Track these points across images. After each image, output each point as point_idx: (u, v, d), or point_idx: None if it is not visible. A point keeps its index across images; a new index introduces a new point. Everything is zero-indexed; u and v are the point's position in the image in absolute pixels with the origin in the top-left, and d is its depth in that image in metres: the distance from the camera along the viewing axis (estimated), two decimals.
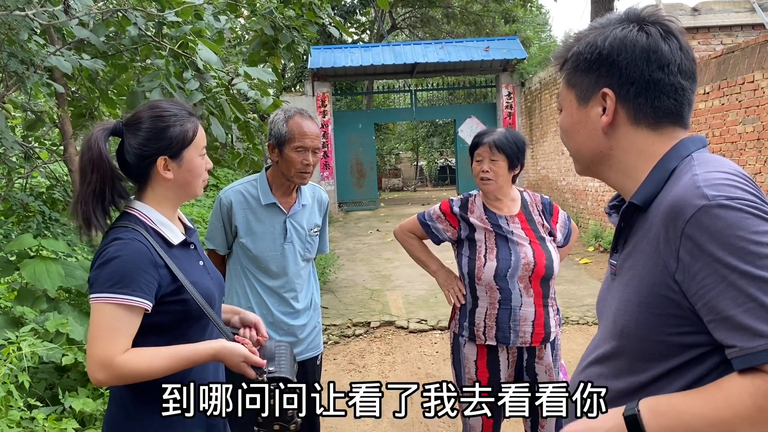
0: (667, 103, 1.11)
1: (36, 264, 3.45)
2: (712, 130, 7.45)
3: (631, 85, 1.10)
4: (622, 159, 1.16)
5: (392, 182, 29.79)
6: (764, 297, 0.92)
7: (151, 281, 1.52)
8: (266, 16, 4.17)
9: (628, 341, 1.12)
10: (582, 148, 1.21)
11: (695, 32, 9.19)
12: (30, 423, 2.73)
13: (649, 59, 1.09)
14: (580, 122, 1.18)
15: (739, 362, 0.94)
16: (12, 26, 2.74)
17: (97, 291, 1.48)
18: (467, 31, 22.96)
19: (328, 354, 5.50)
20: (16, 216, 4.21)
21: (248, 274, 2.58)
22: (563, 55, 1.21)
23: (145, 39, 3.26)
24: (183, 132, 1.62)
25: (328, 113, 15.92)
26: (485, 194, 2.63)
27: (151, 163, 1.60)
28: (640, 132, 1.13)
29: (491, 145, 2.56)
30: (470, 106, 18.80)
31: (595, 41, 1.13)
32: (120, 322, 1.48)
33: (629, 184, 1.16)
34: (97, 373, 1.46)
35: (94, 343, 1.46)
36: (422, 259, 2.83)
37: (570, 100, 1.20)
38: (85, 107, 4.09)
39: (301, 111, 2.53)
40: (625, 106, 1.12)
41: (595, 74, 1.13)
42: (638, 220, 1.13)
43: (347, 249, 11.07)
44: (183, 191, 1.68)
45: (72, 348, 3.13)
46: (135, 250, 1.52)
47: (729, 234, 0.94)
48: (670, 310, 1.03)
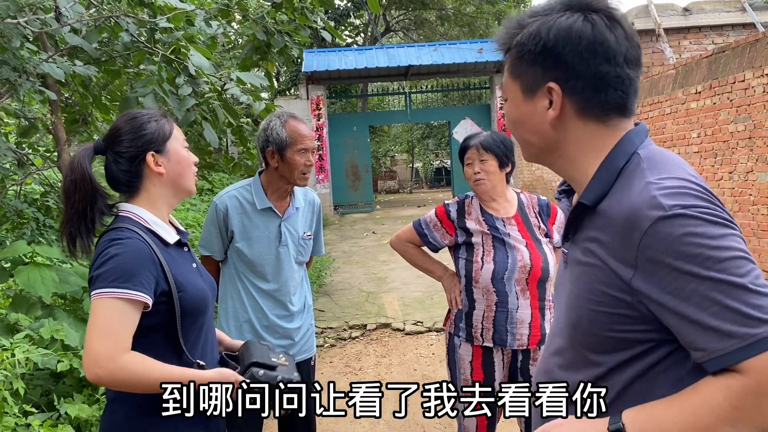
0: (614, 96, 1.09)
1: (30, 271, 3.45)
2: (704, 129, 7.49)
3: (577, 79, 1.08)
4: (570, 150, 1.15)
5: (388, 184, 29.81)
6: (728, 299, 0.92)
7: (151, 278, 1.54)
8: (258, 20, 4.18)
9: (580, 334, 1.14)
10: (530, 139, 1.18)
11: (686, 32, 9.25)
12: (26, 429, 2.72)
13: (596, 52, 1.06)
14: (526, 114, 1.16)
15: (712, 364, 0.95)
16: (4, 34, 2.75)
17: (99, 287, 1.49)
18: (461, 33, 23.02)
19: (324, 357, 5.51)
20: (10, 223, 4.22)
21: (243, 278, 2.59)
22: (507, 42, 1.16)
23: (137, 45, 3.28)
24: (160, 126, 1.68)
25: (322, 116, 15.94)
26: (480, 195, 2.65)
27: (141, 162, 1.65)
28: (588, 125, 1.12)
29: (478, 147, 2.59)
30: (465, 107, 18.86)
31: (539, 32, 1.09)
32: (123, 317, 1.48)
33: (577, 175, 1.16)
34: (96, 368, 1.44)
35: (95, 338, 1.45)
36: (425, 267, 2.83)
37: (515, 91, 1.17)
38: (78, 113, 4.10)
39: (293, 114, 2.58)
40: (572, 99, 1.10)
41: (540, 67, 1.10)
42: (587, 218, 1.13)
43: (343, 252, 11.08)
44: (177, 186, 1.71)
45: (67, 354, 3.13)
46: (135, 248, 1.54)
47: (686, 242, 0.95)
48: (622, 311, 1.05)
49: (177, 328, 1.61)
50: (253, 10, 4.35)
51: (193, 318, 1.65)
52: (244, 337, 2.57)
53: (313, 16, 4.39)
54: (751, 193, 6.67)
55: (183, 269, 1.66)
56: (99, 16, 3.10)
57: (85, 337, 1.49)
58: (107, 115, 4.11)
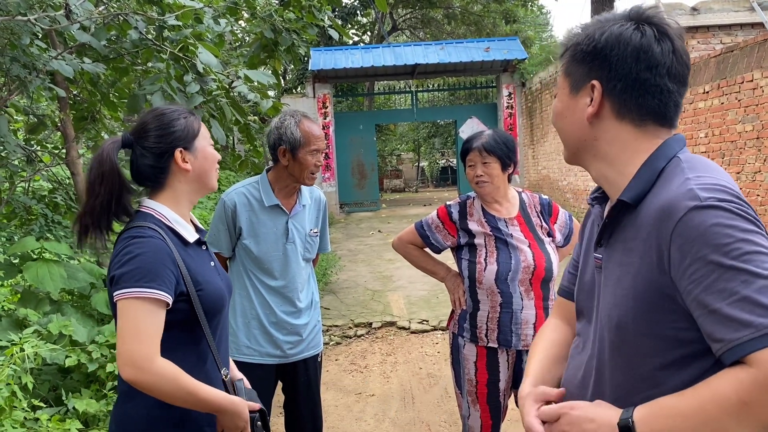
0: (651, 103, 1.14)
1: (39, 266, 3.48)
2: (712, 129, 7.46)
3: (618, 81, 1.14)
4: (606, 150, 1.20)
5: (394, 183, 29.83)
6: (747, 290, 0.94)
7: (171, 277, 1.55)
8: (266, 18, 4.19)
9: (625, 335, 1.13)
10: (569, 134, 1.25)
11: (695, 32, 9.20)
12: (34, 424, 2.75)
13: (639, 58, 1.12)
14: (568, 108, 1.23)
15: (727, 356, 0.95)
16: (14, 31, 2.77)
17: (125, 287, 1.49)
18: (468, 32, 23.00)
19: (330, 354, 5.52)
20: (18, 219, 4.25)
21: (251, 275, 2.60)
22: (566, 44, 1.26)
23: (145, 42, 3.29)
24: (189, 123, 1.69)
25: (329, 115, 15.96)
26: (483, 197, 2.63)
27: (169, 158, 1.65)
28: (624, 126, 1.17)
29: (480, 149, 2.56)
30: (471, 106, 18.83)
31: (594, 34, 1.17)
32: (152, 318, 1.49)
33: (612, 175, 1.20)
34: (134, 369, 1.45)
35: (130, 340, 1.46)
36: (428, 269, 2.83)
37: (564, 87, 1.25)
38: (86, 110, 4.12)
39: (306, 114, 2.60)
40: (610, 99, 1.16)
41: (588, 66, 1.18)
42: (626, 218, 1.16)
43: (349, 250, 11.09)
44: (201, 183, 1.72)
45: (75, 350, 3.15)
46: (156, 247, 1.55)
47: (715, 232, 0.97)
48: (665, 305, 1.06)
49: (200, 325, 1.62)
50: (260, 8, 4.36)
51: (210, 317, 1.66)
52: (251, 333, 2.59)
53: (320, 14, 4.39)
54: (759, 194, 6.65)
55: (202, 268, 1.67)
56: (108, 14, 3.12)
57: (118, 338, 1.48)
58: (115, 112, 4.13)
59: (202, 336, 1.64)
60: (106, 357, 3.21)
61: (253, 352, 2.58)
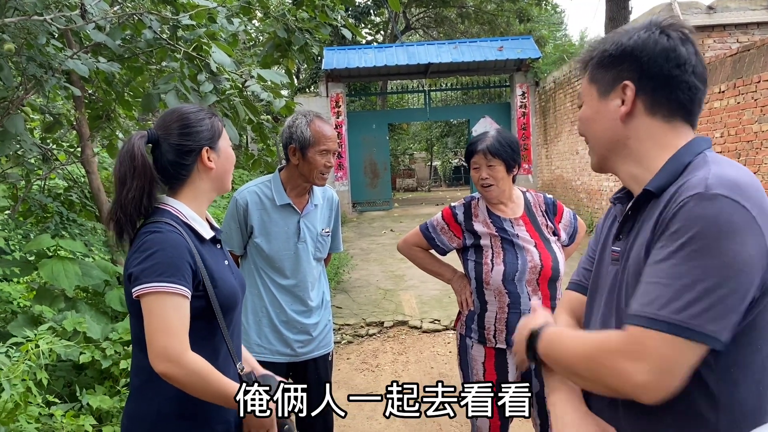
0: (681, 98, 1.21)
1: (54, 264, 3.51)
2: (728, 129, 7.39)
3: (650, 79, 1.21)
4: (637, 148, 1.25)
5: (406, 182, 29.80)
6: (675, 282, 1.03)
7: (189, 271, 1.56)
8: (279, 18, 4.21)
9: None
10: (600, 137, 1.30)
11: (710, 30, 9.11)
12: (48, 419, 2.78)
13: (668, 57, 1.19)
14: (599, 112, 1.28)
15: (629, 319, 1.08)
16: (30, 31, 2.79)
17: (147, 281, 1.50)
18: (481, 31, 22.92)
19: (341, 353, 5.53)
20: (34, 217, 4.29)
21: (262, 273, 2.62)
22: (588, 56, 1.32)
23: (159, 42, 3.31)
24: (214, 123, 1.72)
25: (342, 114, 15.98)
26: (489, 200, 2.61)
27: (196, 156, 1.67)
28: (655, 122, 1.22)
29: (485, 152, 2.53)
30: (484, 106, 18.77)
31: (621, 40, 1.24)
32: (179, 312, 1.51)
33: (641, 173, 1.24)
34: (167, 363, 1.47)
35: (160, 334, 1.48)
36: (434, 271, 2.82)
37: (591, 94, 1.30)
38: (101, 109, 4.16)
39: (319, 114, 2.60)
40: (643, 97, 1.22)
41: (618, 69, 1.24)
42: (647, 210, 1.20)
43: (361, 249, 11.10)
44: (221, 182, 1.75)
45: (89, 346, 3.18)
46: (174, 241, 1.56)
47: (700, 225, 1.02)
48: None
49: (215, 320, 1.64)
50: (274, 7, 4.38)
51: (224, 313, 1.67)
52: (262, 331, 2.60)
53: (333, 13, 4.40)
54: None
55: (216, 265, 1.68)
56: (123, 14, 3.14)
57: (148, 334, 1.50)
58: (130, 111, 4.16)
59: (217, 331, 1.66)
60: (120, 354, 3.24)
61: (263, 350, 2.60)
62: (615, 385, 1.06)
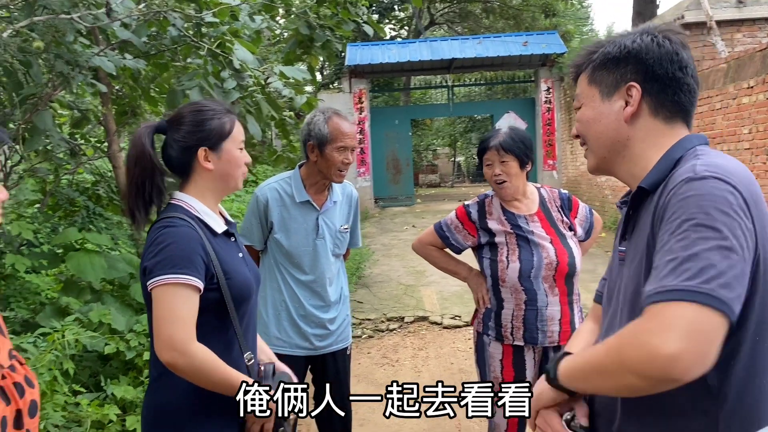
0: (683, 99, 1.24)
1: (81, 257, 3.59)
2: (756, 126, 7.24)
3: (655, 81, 1.23)
4: (636, 148, 1.27)
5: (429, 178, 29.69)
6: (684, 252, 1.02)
7: (202, 264, 1.60)
8: (301, 15, 4.23)
9: (635, 309, 1.18)
10: (602, 138, 1.31)
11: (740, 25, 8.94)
12: (75, 408, 2.85)
13: (672, 60, 1.23)
14: (602, 114, 1.29)
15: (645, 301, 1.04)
16: (58, 29, 2.86)
17: (158, 274, 1.54)
18: (506, 26, 22.71)
19: (362, 348, 5.57)
20: (62, 210, 4.39)
21: (282, 268, 2.65)
22: (584, 59, 1.34)
23: (184, 39, 3.36)
24: (221, 125, 1.72)
25: (365, 110, 15.97)
26: (503, 197, 2.60)
27: (193, 154, 1.70)
28: (657, 123, 1.25)
29: (498, 149, 2.53)
30: (508, 101, 18.64)
31: (623, 42, 1.27)
32: (187, 303, 1.54)
33: (638, 172, 1.27)
34: (172, 352, 1.50)
35: (167, 324, 1.51)
36: (450, 269, 2.82)
37: (592, 96, 1.31)
38: (127, 105, 4.23)
39: (337, 111, 2.61)
40: (648, 98, 1.25)
41: (621, 70, 1.26)
42: (644, 207, 1.22)
43: (382, 245, 11.13)
44: (224, 183, 1.76)
45: (114, 338, 3.25)
46: (187, 235, 1.60)
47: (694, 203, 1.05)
48: None
49: (228, 312, 1.67)
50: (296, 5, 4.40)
51: (237, 305, 1.70)
52: (281, 324, 2.64)
53: (355, 9, 4.41)
54: None
55: (229, 258, 1.71)
56: (148, 11, 3.19)
57: (155, 324, 1.54)
58: (155, 107, 4.23)
59: (229, 324, 1.69)
60: (144, 345, 3.30)
61: (282, 344, 2.63)
62: (644, 368, 0.99)
